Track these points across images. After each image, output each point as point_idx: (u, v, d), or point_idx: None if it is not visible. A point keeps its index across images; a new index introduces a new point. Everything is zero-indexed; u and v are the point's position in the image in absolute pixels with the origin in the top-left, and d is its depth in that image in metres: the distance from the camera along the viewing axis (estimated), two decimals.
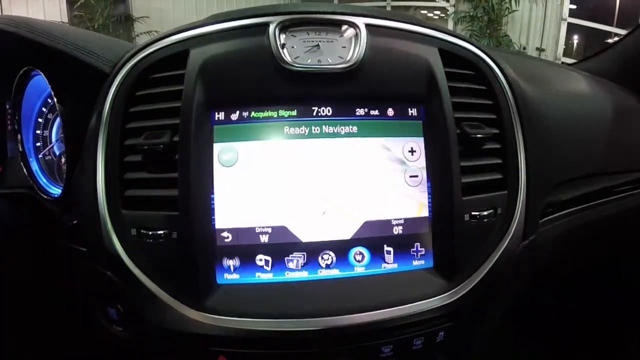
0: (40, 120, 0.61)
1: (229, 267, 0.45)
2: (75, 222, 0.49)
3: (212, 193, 0.44)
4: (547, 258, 0.61)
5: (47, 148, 0.60)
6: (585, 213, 0.64)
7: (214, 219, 0.44)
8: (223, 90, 0.45)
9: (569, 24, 4.70)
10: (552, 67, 0.83)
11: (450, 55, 0.49)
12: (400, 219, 0.46)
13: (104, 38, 0.59)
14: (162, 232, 0.42)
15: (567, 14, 4.69)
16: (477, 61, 0.50)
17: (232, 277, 0.45)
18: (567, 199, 0.61)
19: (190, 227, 0.42)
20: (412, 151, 0.47)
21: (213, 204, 0.44)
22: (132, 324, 0.48)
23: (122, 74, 0.46)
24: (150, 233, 0.43)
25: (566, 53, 4.77)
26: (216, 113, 0.45)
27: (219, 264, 0.44)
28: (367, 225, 0.46)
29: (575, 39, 4.94)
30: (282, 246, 0.45)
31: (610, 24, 4.62)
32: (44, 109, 0.61)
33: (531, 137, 0.51)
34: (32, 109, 0.61)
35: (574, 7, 4.67)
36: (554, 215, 0.58)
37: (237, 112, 0.45)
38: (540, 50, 4.72)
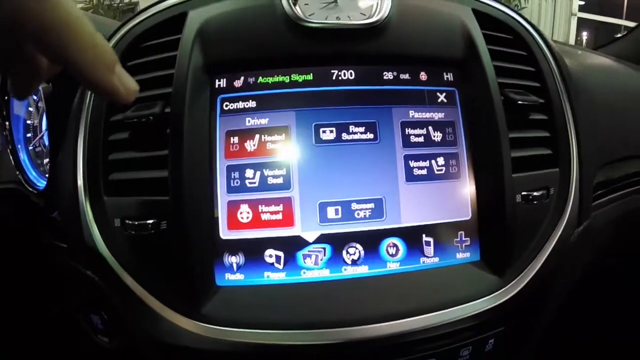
0: (31, 109, 0.54)
1: (232, 265, 0.34)
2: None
3: (212, 173, 0.34)
4: (599, 250, 0.53)
5: (37, 138, 0.53)
6: (636, 197, 0.55)
7: (213, 204, 0.34)
8: (224, 51, 0.35)
9: (579, 19, 4.45)
10: (575, 47, 0.75)
11: (484, 17, 0.41)
12: None
13: (100, 18, 0.53)
14: (149, 221, 0.32)
15: (577, 9, 4.47)
16: (516, 25, 0.42)
17: (235, 277, 0.34)
18: (616, 180, 0.53)
19: (182, 215, 0.32)
20: (447, 123, 0.37)
21: (213, 185, 0.34)
22: (119, 334, 0.38)
23: (111, 44, 0.37)
24: (135, 223, 0.32)
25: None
26: (217, 80, 0.35)
27: (219, 261, 0.34)
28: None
29: (585, 35, 4.76)
30: (296, 238, 0.34)
31: (619, 18, 4.46)
32: (34, 97, 0.53)
33: (579, 108, 0.42)
34: None
35: (582, 3, 4.51)
36: (605, 199, 0.50)
37: (242, 78, 0.35)
38: None
